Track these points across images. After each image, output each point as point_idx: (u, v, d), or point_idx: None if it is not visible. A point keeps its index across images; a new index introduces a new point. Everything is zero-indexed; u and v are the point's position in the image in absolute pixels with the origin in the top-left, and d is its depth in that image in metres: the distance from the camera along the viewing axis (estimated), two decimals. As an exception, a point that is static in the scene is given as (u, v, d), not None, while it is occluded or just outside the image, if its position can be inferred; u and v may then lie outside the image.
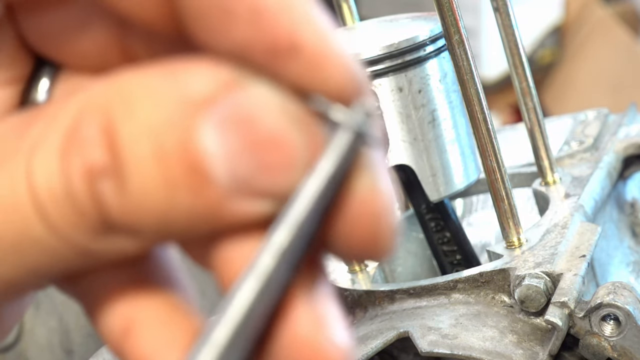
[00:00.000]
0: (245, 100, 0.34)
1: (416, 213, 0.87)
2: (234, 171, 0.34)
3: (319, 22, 0.35)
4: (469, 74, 0.77)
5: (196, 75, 0.34)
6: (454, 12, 0.76)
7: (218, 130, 0.34)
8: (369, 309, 0.81)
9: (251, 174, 0.34)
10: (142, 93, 0.34)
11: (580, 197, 0.86)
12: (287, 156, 0.34)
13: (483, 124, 0.79)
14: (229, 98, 0.34)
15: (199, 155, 0.34)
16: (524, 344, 0.74)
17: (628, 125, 0.99)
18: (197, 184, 0.34)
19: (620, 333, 0.71)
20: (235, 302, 0.34)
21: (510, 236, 0.80)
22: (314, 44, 0.34)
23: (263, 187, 0.34)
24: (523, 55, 0.87)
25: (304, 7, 0.34)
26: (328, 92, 0.35)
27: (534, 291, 0.74)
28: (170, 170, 0.34)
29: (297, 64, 0.34)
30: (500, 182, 0.79)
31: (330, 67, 0.34)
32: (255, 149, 0.34)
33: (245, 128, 0.34)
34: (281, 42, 0.34)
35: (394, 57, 0.80)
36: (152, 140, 0.34)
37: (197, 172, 0.34)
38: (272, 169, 0.34)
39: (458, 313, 0.76)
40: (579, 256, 0.77)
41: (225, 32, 0.34)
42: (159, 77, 0.34)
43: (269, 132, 0.34)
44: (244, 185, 0.34)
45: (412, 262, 0.94)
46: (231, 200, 0.34)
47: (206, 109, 0.34)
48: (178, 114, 0.34)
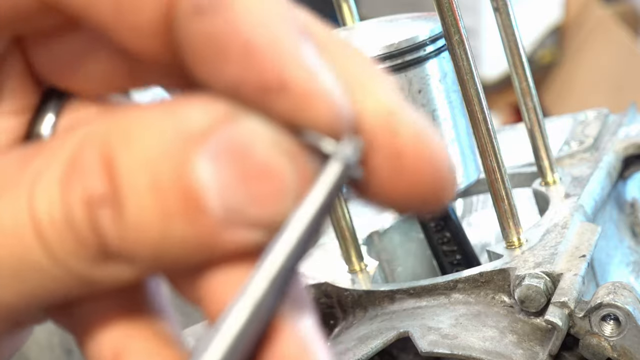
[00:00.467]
0: (239, 133, 0.36)
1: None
2: (227, 202, 0.35)
3: (307, 61, 0.36)
4: (469, 74, 0.77)
5: (192, 109, 0.36)
6: (454, 12, 0.76)
7: (212, 162, 0.35)
8: (369, 309, 0.81)
9: (244, 204, 0.36)
10: (140, 126, 0.36)
11: (580, 197, 0.86)
12: (278, 187, 0.36)
13: (483, 124, 0.79)
14: (223, 131, 0.36)
15: (193, 186, 0.35)
16: (524, 344, 0.74)
17: (628, 125, 0.99)
18: (191, 213, 0.35)
19: (620, 333, 0.71)
20: (227, 326, 0.35)
21: (510, 236, 0.80)
22: (301, 84, 0.36)
23: (255, 217, 0.36)
24: (523, 55, 0.87)
25: (293, 46, 0.36)
26: (316, 128, 0.36)
27: (534, 291, 0.74)
28: (166, 200, 0.35)
29: (286, 102, 0.36)
30: (500, 182, 0.79)
31: (317, 105, 0.36)
32: (247, 181, 0.36)
33: (238, 160, 0.36)
34: (270, 81, 0.36)
35: (394, 57, 0.80)
36: (149, 171, 0.35)
37: (191, 202, 0.35)
38: (264, 200, 0.36)
39: (458, 313, 0.76)
40: (579, 256, 0.77)
41: (218, 70, 0.36)
42: (157, 111, 0.36)
43: (261, 164, 0.36)
44: (237, 215, 0.36)
45: (412, 262, 0.94)
46: (224, 229, 0.36)
47: (201, 141, 0.35)
48: (174, 146, 0.35)
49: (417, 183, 0.38)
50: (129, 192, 0.35)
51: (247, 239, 0.36)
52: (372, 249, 0.90)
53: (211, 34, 0.36)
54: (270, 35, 0.36)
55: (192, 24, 0.36)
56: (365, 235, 0.90)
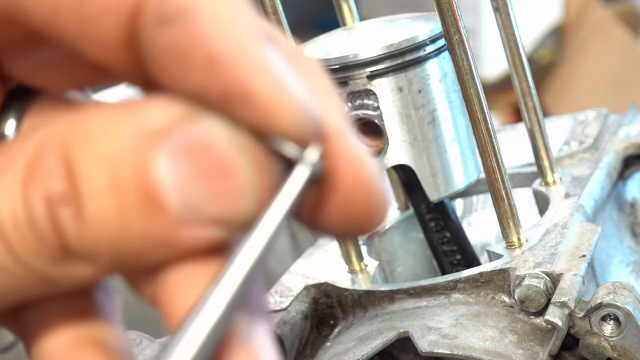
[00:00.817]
0: (198, 131, 0.36)
1: (416, 213, 0.87)
2: (185, 198, 0.36)
3: (274, 70, 0.36)
4: (469, 74, 0.77)
5: (152, 109, 0.37)
6: (454, 12, 0.76)
7: (171, 159, 0.36)
8: (369, 309, 0.81)
9: (202, 201, 0.36)
10: (99, 125, 0.37)
11: (580, 197, 0.86)
12: (236, 184, 0.36)
13: (483, 124, 0.79)
14: (182, 130, 0.36)
15: (152, 183, 0.36)
16: (524, 344, 0.74)
17: (628, 125, 1.00)
18: (150, 211, 0.36)
19: (620, 333, 0.71)
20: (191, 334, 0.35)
21: (510, 236, 0.80)
22: (264, 91, 0.36)
23: (214, 213, 0.36)
24: (523, 55, 0.87)
25: (259, 56, 0.36)
26: (279, 132, 0.37)
27: (534, 291, 0.74)
28: (124, 197, 0.36)
29: (250, 110, 0.36)
30: (500, 182, 0.79)
31: (280, 114, 0.36)
32: (205, 177, 0.36)
33: (197, 157, 0.36)
34: (234, 90, 0.36)
35: (394, 57, 0.80)
36: (108, 169, 0.36)
37: (150, 199, 0.36)
38: (222, 196, 0.36)
39: (458, 313, 0.76)
40: (579, 256, 0.77)
41: (183, 79, 0.36)
42: (117, 111, 0.37)
43: (219, 161, 0.36)
44: (195, 212, 0.36)
45: (412, 262, 0.94)
46: (183, 226, 0.36)
47: (160, 139, 0.36)
48: (133, 144, 0.36)
49: (348, 207, 0.39)
50: (89, 190, 0.36)
51: (205, 236, 0.36)
52: (372, 249, 0.90)
53: (176, 44, 0.36)
54: (235, 45, 0.36)
55: (157, 35, 0.36)
56: (365, 235, 0.90)
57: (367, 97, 0.80)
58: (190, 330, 0.35)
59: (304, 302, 0.83)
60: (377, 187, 0.39)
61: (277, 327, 0.80)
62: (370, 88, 0.80)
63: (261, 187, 0.37)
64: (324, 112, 0.38)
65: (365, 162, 0.39)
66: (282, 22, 0.78)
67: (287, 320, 0.81)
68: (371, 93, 0.80)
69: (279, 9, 0.78)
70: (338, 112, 0.39)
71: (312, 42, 0.85)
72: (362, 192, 0.39)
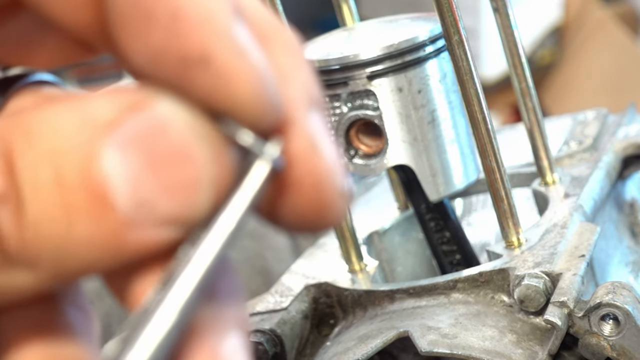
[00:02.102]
0: (149, 119, 0.34)
1: (416, 213, 0.87)
2: (136, 195, 0.33)
3: (235, 37, 0.34)
4: (469, 74, 0.78)
5: (98, 102, 0.34)
6: (453, 12, 0.76)
7: (120, 152, 0.33)
8: (369, 308, 0.81)
9: (154, 196, 0.33)
10: (43, 122, 0.34)
11: (579, 197, 0.86)
12: (192, 174, 0.34)
13: (483, 124, 0.79)
14: (132, 119, 0.33)
15: (99, 179, 0.33)
16: (524, 343, 0.74)
17: (627, 126, 1.00)
18: (97, 209, 0.33)
19: (620, 333, 0.71)
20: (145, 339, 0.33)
21: (509, 236, 0.80)
22: (225, 57, 0.34)
23: (166, 211, 0.33)
24: (523, 56, 0.88)
25: (223, 21, 0.34)
26: (236, 106, 0.34)
27: (533, 291, 0.74)
28: (69, 195, 0.33)
29: (207, 76, 0.34)
30: (499, 182, 0.80)
31: (239, 81, 0.34)
32: (158, 169, 0.33)
33: (148, 147, 0.33)
34: (193, 51, 0.34)
35: (393, 58, 0.80)
36: (52, 165, 0.33)
37: (97, 197, 0.33)
38: (176, 190, 0.33)
39: (458, 313, 0.76)
40: (578, 256, 0.77)
41: (144, 36, 0.34)
42: (63, 105, 0.34)
43: (173, 149, 0.34)
44: (147, 209, 0.33)
45: (412, 262, 0.94)
46: (133, 227, 0.33)
47: (108, 131, 0.33)
48: (79, 139, 0.33)
49: (298, 200, 0.36)
50: (29, 187, 0.33)
51: (158, 237, 0.33)
52: (372, 249, 0.90)
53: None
54: (202, 6, 0.34)
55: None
56: (365, 235, 0.90)
57: (367, 97, 0.81)
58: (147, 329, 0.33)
59: (304, 302, 0.83)
60: (331, 178, 0.36)
61: (277, 326, 0.80)
62: (370, 88, 0.80)
63: (219, 176, 0.34)
64: (285, 90, 0.36)
65: (319, 150, 0.36)
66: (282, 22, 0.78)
67: (287, 319, 0.81)
68: (371, 93, 0.80)
69: (279, 9, 0.78)
70: (300, 89, 0.36)
71: (312, 42, 0.85)
72: (313, 184, 0.36)
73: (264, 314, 0.82)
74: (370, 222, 0.93)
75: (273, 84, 0.35)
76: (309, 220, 0.36)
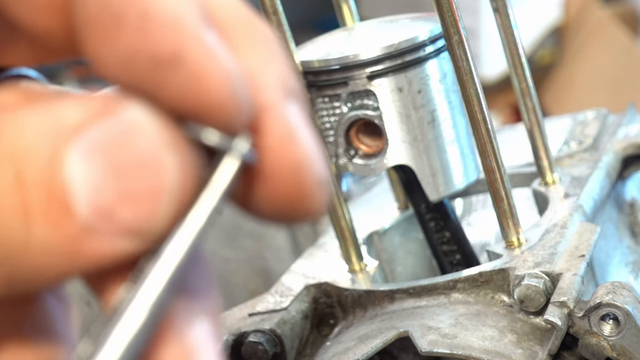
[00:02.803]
0: (116, 125, 0.33)
1: (416, 213, 0.87)
2: (96, 202, 0.32)
3: (205, 38, 0.34)
4: (469, 74, 0.78)
5: (67, 106, 0.34)
6: (453, 12, 0.76)
7: (83, 158, 0.33)
8: (369, 308, 0.81)
9: (114, 204, 0.33)
10: (11, 121, 0.33)
11: (579, 197, 0.86)
12: (155, 182, 0.33)
13: (483, 124, 0.79)
14: (98, 125, 0.33)
15: (60, 183, 0.32)
16: (524, 343, 0.74)
17: (627, 126, 1.00)
18: (56, 214, 0.32)
19: (620, 333, 0.71)
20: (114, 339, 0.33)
21: (509, 236, 0.80)
22: (196, 57, 0.34)
23: (126, 220, 0.33)
24: (523, 56, 0.88)
25: (193, 23, 0.34)
26: (208, 106, 0.34)
27: (533, 291, 0.74)
28: (29, 198, 0.32)
29: (178, 76, 0.34)
30: (499, 182, 0.80)
31: (210, 81, 0.34)
32: (120, 176, 0.33)
33: (112, 154, 0.33)
34: (164, 51, 0.33)
35: (393, 58, 0.80)
36: (13, 165, 0.33)
37: (57, 201, 0.32)
38: (138, 199, 0.33)
39: (458, 313, 0.77)
40: (578, 256, 0.77)
41: (113, 39, 0.34)
42: (32, 108, 0.34)
43: (138, 156, 0.33)
44: (107, 218, 0.33)
45: (412, 262, 0.94)
46: (92, 234, 0.33)
47: (72, 137, 0.33)
48: (44, 142, 0.33)
49: (275, 189, 0.35)
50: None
51: (117, 247, 0.33)
52: (372, 249, 0.90)
53: (108, 2, 0.34)
54: (170, 8, 0.34)
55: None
56: (365, 235, 0.90)
57: (367, 97, 0.81)
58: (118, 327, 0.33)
59: (304, 302, 0.83)
60: (307, 166, 0.35)
61: (277, 326, 0.80)
62: (370, 88, 0.80)
63: (183, 186, 0.33)
64: (259, 83, 0.35)
65: (294, 138, 0.35)
66: (282, 22, 0.78)
67: (287, 319, 0.81)
68: (371, 93, 0.80)
69: (279, 9, 0.78)
70: (274, 80, 0.36)
71: (312, 42, 0.85)
72: (290, 172, 0.35)
73: (264, 314, 0.82)
74: (370, 222, 0.93)
75: (243, 82, 0.35)
76: (287, 210, 0.36)
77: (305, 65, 0.80)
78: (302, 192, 0.35)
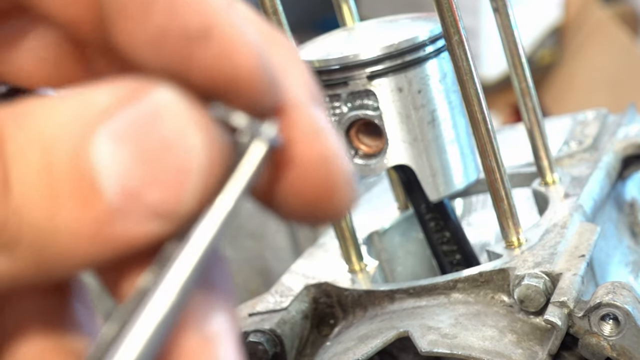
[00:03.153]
0: (145, 108, 0.33)
1: (416, 213, 0.87)
2: (123, 183, 0.33)
3: (233, 15, 0.35)
4: (469, 74, 0.78)
5: (97, 91, 0.34)
6: (453, 12, 0.76)
7: (113, 141, 0.33)
8: (369, 308, 0.81)
9: (142, 187, 0.33)
10: (40, 108, 0.34)
11: (579, 197, 0.86)
12: (183, 162, 0.33)
13: (483, 124, 0.79)
14: (127, 109, 0.33)
15: (88, 167, 0.33)
16: (524, 343, 0.74)
17: (627, 126, 1.00)
18: (83, 197, 0.33)
19: (620, 333, 0.71)
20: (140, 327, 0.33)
21: (509, 236, 0.80)
22: (225, 30, 0.34)
23: (154, 202, 0.33)
24: (522, 56, 0.88)
25: (221, 3, 0.35)
26: (239, 80, 0.34)
27: (533, 291, 0.74)
28: (56, 181, 0.33)
29: (209, 50, 0.34)
30: (499, 182, 0.80)
31: (240, 54, 0.34)
32: (147, 157, 0.33)
33: (141, 137, 0.33)
34: (193, 27, 0.34)
35: (393, 58, 0.80)
36: (42, 149, 0.33)
37: (84, 185, 0.33)
38: (165, 181, 0.33)
39: (458, 313, 0.77)
40: (578, 256, 0.77)
41: (143, 20, 0.34)
42: (60, 97, 0.34)
43: (166, 137, 0.33)
44: (134, 200, 0.33)
45: (412, 262, 0.94)
46: (120, 217, 0.33)
47: (102, 120, 0.33)
48: (72, 125, 0.33)
49: (303, 183, 0.35)
50: (17, 170, 0.33)
51: (144, 230, 0.33)
52: (372, 249, 0.90)
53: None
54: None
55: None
56: (365, 235, 0.90)
57: (367, 97, 0.81)
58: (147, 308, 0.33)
59: (304, 302, 0.83)
60: (336, 161, 0.35)
61: (277, 326, 0.80)
62: (370, 88, 0.80)
63: (210, 168, 0.34)
64: (286, 81, 0.36)
65: (323, 133, 0.35)
66: (282, 22, 0.78)
67: (287, 319, 0.81)
68: (371, 93, 0.80)
69: (279, 9, 0.78)
70: (299, 81, 0.37)
71: (312, 42, 0.85)
72: (318, 166, 0.35)
73: (264, 314, 0.82)
74: (370, 222, 0.93)
75: (271, 63, 0.35)
76: (314, 205, 0.36)
77: (305, 65, 0.80)
78: (330, 186, 0.36)
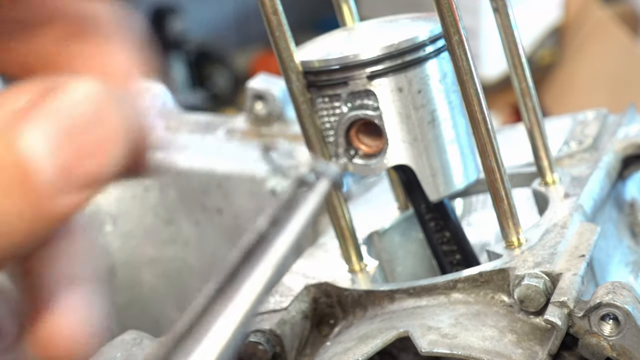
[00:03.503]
0: (63, 97, 0.38)
1: (416, 213, 0.87)
2: (57, 162, 0.37)
3: None
4: (469, 74, 0.78)
5: (18, 91, 0.38)
6: (453, 12, 0.76)
7: (40, 128, 0.37)
8: (369, 308, 0.81)
9: (73, 159, 0.37)
10: None
11: (579, 197, 0.86)
12: (101, 134, 0.38)
13: (483, 124, 0.79)
14: (46, 99, 0.37)
15: (22, 156, 0.37)
16: (524, 343, 0.74)
17: (627, 125, 1.00)
18: (22, 183, 0.37)
19: (620, 333, 0.71)
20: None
21: (509, 236, 0.80)
22: None
23: (84, 171, 0.37)
24: (523, 56, 0.88)
25: None
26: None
27: (533, 291, 0.74)
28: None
29: None
30: (499, 182, 0.80)
31: None
32: (71, 136, 0.37)
33: (64, 118, 0.37)
34: None
35: (393, 58, 0.80)
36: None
37: (22, 172, 0.37)
38: (89, 152, 0.38)
39: (458, 313, 0.77)
40: (578, 256, 0.77)
41: None
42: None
43: (82, 117, 0.38)
44: (68, 175, 0.37)
45: (412, 262, 0.94)
46: (57, 192, 0.37)
47: (26, 114, 0.37)
48: (2, 124, 0.37)
49: None
50: None
51: (80, 198, 0.37)
52: (372, 249, 0.90)
53: None
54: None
55: None
56: (365, 235, 0.90)
57: (367, 97, 0.81)
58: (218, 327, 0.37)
59: (304, 302, 0.83)
60: None
61: (277, 326, 0.80)
62: (370, 88, 0.80)
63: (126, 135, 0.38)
64: None
65: None
66: (282, 22, 0.78)
67: (287, 319, 0.81)
68: (371, 93, 0.80)
69: (279, 9, 0.78)
70: None
71: (312, 42, 0.85)
72: None
73: (264, 314, 0.82)
74: (370, 222, 0.93)
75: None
76: None
77: (305, 65, 0.80)
78: None
